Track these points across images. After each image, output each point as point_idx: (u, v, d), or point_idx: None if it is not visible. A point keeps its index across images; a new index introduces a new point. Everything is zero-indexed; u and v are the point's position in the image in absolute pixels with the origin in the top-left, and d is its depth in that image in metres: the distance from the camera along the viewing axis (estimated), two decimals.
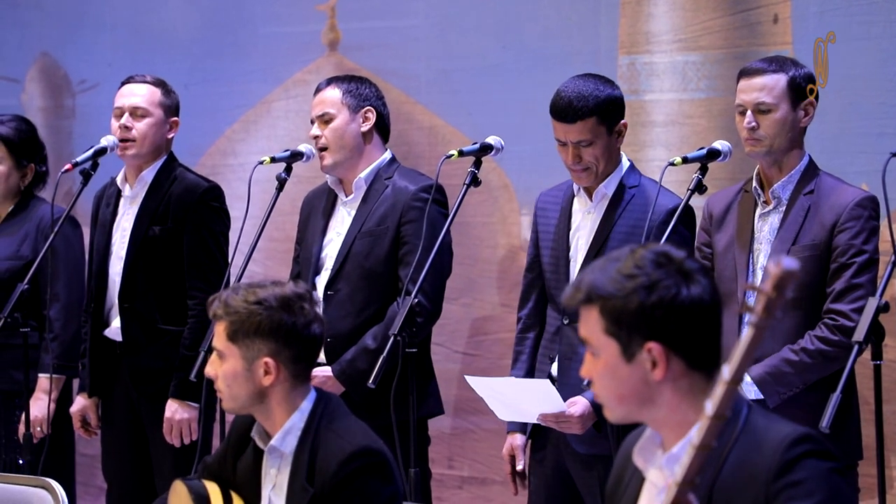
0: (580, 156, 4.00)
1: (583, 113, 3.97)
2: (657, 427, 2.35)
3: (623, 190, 4.04)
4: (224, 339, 3.11)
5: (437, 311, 4.34)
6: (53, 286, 4.77)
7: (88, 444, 5.66)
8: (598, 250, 3.99)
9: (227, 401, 3.16)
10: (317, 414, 3.13)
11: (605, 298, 2.31)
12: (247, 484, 3.19)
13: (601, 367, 2.33)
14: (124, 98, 4.71)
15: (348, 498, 3.02)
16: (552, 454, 4.07)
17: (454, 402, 4.59)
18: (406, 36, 5.44)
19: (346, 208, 4.44)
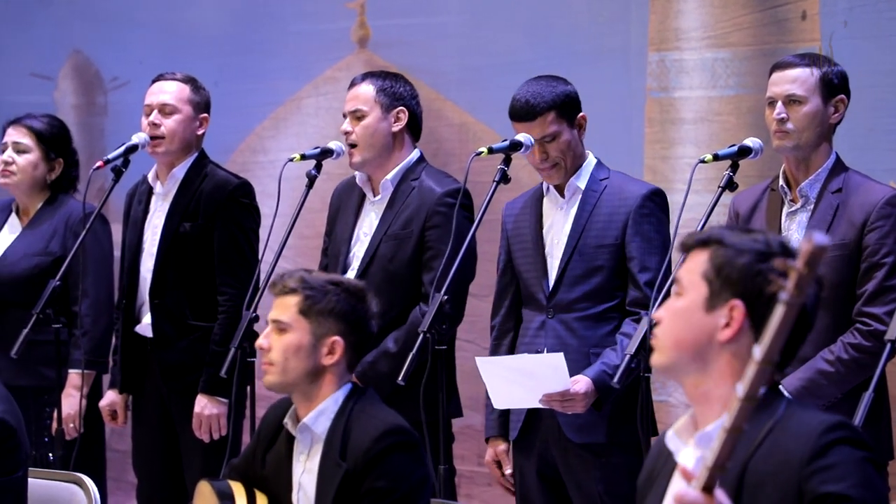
0: (546, 152, 4.03)
1: (541, 108, 4.04)
2: (696, 397, 2.35)
3: (595, 182, 4.07)
4: (294, 313, 3.17)
5: (459, 317, 4.35)
6: (83, 282, 4.80)
7: (119, 440, 5.69)
8: (577, 242, 4.03)
9: (277, 374, 3.19)
10: (351, 399, 3.19)
11: (720, 245, 2.35)
12: (277, 475, 3.22)
13: (679, 305, 2.36)
14: (154, 95, 4.73)
15: (381, 473, 3.07)
16: (539, 446, 4.07)
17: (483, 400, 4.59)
18: (436, 33, 5.44)
19: (373, 209, 4.44)
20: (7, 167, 4.97)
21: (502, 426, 4.17)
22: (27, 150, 4.99)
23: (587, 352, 4.03)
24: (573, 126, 4.08)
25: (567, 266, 4.06)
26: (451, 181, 4.41)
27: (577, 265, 4.06)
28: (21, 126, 5.01)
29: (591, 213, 4.06)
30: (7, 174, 4.97)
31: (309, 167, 4.43)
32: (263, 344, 3.20)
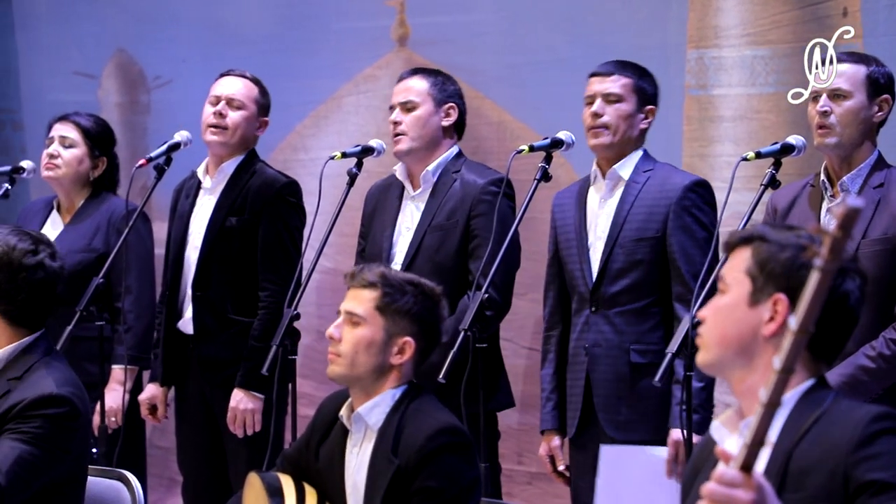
0: (603, 111, 4.02)
1: (621, 71, 4.10)
2: (742, 391, 2.36)
3: (638, 173, 4.07)
4: (370, 307, 3.18)
5: (507, 305, 4.36)
6: (126, 279, 4.85)
7: (161, 437, 5.73)
8: (619, 232, 4.02)
9: (345, 366, 3.19)
10: (406, 396, 3.20)
11: (763, 241, 2.37)
12: (330, 468, 3.23)
13: (723, 302, 2.37)
14: (223, 87, 4.78)
15: (432, 473, 3.07)
16: (592, 444, 4.08)
17: (521, 398, 4.61)
18: (474, 31, 5.45)
19: (413, 202, 4.46)
20: (52, 160, 5.02)
21: (557, 419, 4.17)
22: (74, 144, 5.04)
23: (627, 348, 4.03)
24: (640, 108, 4.10)
25: (608, 259, 4.06)
26: (492, 172, 4.44)
27: (617, 258, 4.05)
28: (68, 122, 5.05)
29: (633, 205, 4.06)
30: (52, 167, 5.02)
31: (348, 165, 4.46)
32: (335, 334, 3.20)
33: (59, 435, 3.25)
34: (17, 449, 3.20)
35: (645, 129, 4.15)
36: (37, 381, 3.29)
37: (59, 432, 3.25)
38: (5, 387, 3.30)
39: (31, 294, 3.35)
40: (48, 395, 3.25)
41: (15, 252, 3.34)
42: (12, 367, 3.33)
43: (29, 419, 3.23)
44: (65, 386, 3.30)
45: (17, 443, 3.20)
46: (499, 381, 4.41)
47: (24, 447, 3.20)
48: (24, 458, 3.20)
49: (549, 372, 4.20)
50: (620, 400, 4.04)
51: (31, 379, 3.30)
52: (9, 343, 3.35)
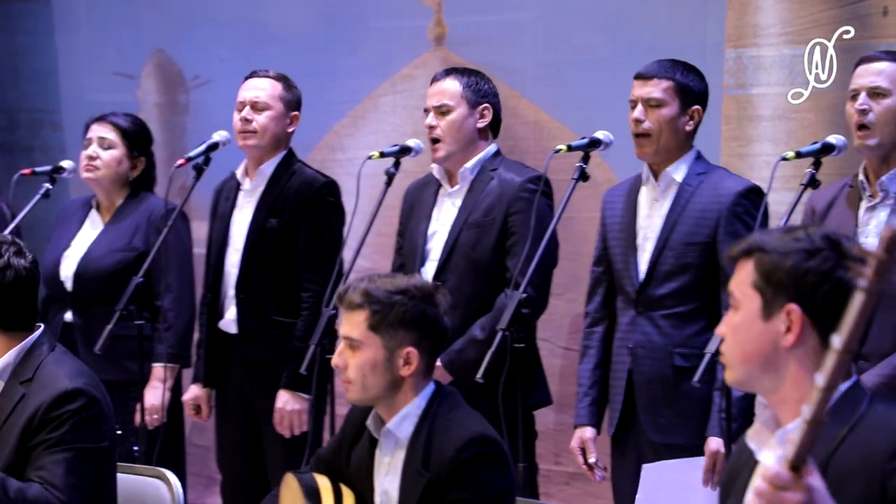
0: (644, 117, 4.00)
1: (661, 74, 4.05)
2: (774, 402, 2.34)
3: (692, 176, 4.04)
4: (364, 329, 3.11)
5: (544, 303, 4.36)
6: (166, 277, 4.88)
7: (200, 435, 5.76)
8: (668, 237, 4.00)
9: (357, 391, 3.15)
10: (434, 403, 3.15)
11: (764, 252, 2.33)
12: (360, 474, 3.22)
13: (737, 320, 2.34)
14: (247, 92, 4.79)
15: (464, 485, 3.03)
16: (633, 445, 4.08)
17: (557, 398, 4.60)
18: (512, 30, 5.44)
19: (450, 199, 4.47)
20: (91, 161, 5.04)
21: (593, 415, 4.16)
22: (112, 145, 5.06)
23: (671, 351, 4.02)
24: (684, 111, 4.06)
25: (657, 262, 4.05)
26: (530, 170, 4.44)
27: (666, 261, 4.03)
28: (106, 123, 5.07)
29: (685, 208, 4.03)
30: (91, 168, 5.04)
31: (386, 165, 4.47)
32: (339, 363, 3.15)
33: (87, 428, 3.28)
34: (60, 460, 3.22)
35: (691, 130, 4.11)
36: (49, 380, 3.31)
37: (86, 425, 3.28)
38: (19, 392, 3.32)
39: (9, 296, 3.34)
40: (63, 392, 3.27)
41: None
42: (21, 370, 3.35)
43: (56, 424, 3.25)
44: (77, 378, 3.33)
45: (57, 454, 3.23)
46: (536, 379, 4.41)
47: (66, 455, 3.23)
48: (71, 466, 3.23)
49: (589, 367, 4.19)
50: (663, 402, 4.02)
51: (43, 378, 3.32)
52: (8, 349, 3.36)
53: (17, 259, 3.36)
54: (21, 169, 5.30)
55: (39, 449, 3.24)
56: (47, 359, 3.36)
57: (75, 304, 4.97)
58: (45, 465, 3.22)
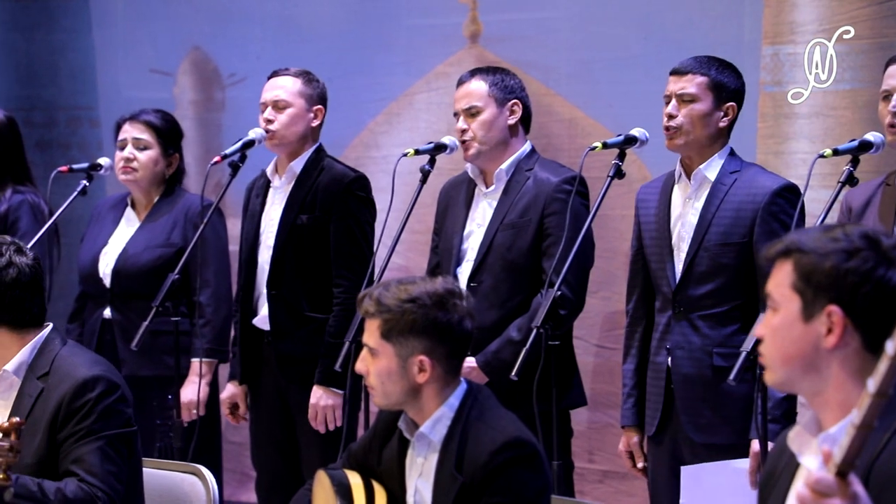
0: (677, 113, 3.98)
1: (696, 70, 4.03)
2: (816, 404, 2.32)
3: (725, 174, 4.01)
4: (377, 338, 3.10)
5: (581, 303, 4.35)
6: (204, 273, 4.89)
7: (236, 432, 5.78)
8: (704, 235, 3.98)
9: (379, 397, 3.14)
10: (467, 404, 3.12)
11: (802, 252, 2.30)
12: (391, 473, 3.21)
13: (776, 322, 2.32)
14: (268, 92, 4.80)
15: (498, 489, 3.01)
16: (669, 442, 4.06)
17: (591, 396, 4.59)
18: (546, 27, 5.43)
19: (486, 200, 4.46)
20: (129, 164, 5.05)
21: (637, 416, 4.15)
22: (148, 145, 5.07)
23: (710, 351, 4.00)
24: (718, 106, 4.04)
25: (693, 262, 4.02)
26: (566, 170, 4.42)
27: (702, 262, 4.01)
28: (139, 122, 5.08)
29: (719, 207, 4.00)
30: (129, 170, 5.05)
31: (421, 162, 4.46)
32: (361, 369, 3.14)
33: (113, 415, 3.31)
34: (94, 450, 3.26)
35: (725, 126, 4.09)
36: (68, 371, 3.34)
37: (112, 413, 3.31)
38: (38, 387, 3.35)
39: (15, 294, 3.36)
40: (83, 381, 3.31)
41: None
42: (37, 366, 3.37)
43: (82, 414, 3.28)
44: (94, 366, 3.36)
45: (89, 444, 3.26)
46: (572, 378, 4.40)
47: (98, 443, 3.26)
48: (105, 454, 3.26)
49: (631, 368, 4.18)
50: (703, 402, 4.01)
51: (61, 371, 3.35)
52: (21, 347, 3.39)
53: (19, 257, 3.38)
54: (59, 166, 5.33)
55: (71, 441, 3.27)
56: (62, 352, 3.39)
57: (114, 300, 5.00)
58: (80, 456, 3.25)
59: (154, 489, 3.49)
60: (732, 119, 4.07)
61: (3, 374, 3.40)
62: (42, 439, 3.28)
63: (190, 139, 5.71)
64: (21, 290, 3.36)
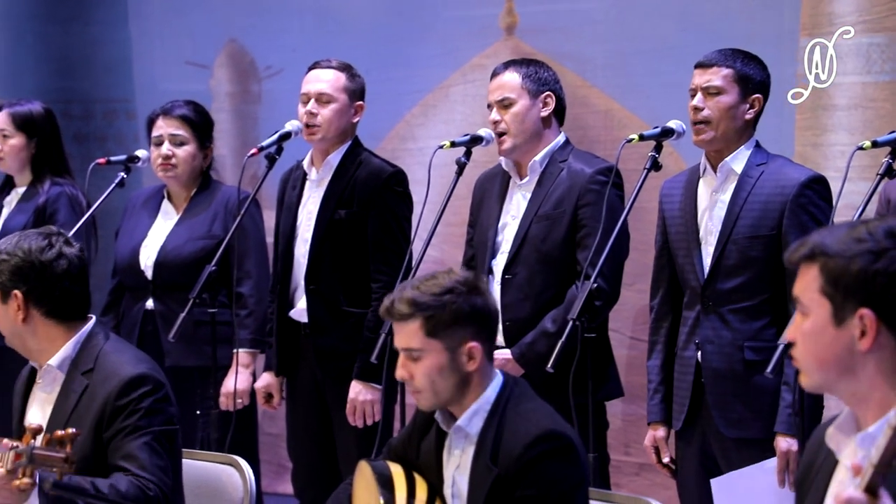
0: (703, 106, 3.97)
1: (721, 62, 4.01)
2: (854, 403, 2.31)
3: (751, 167, 4.00)
4: (421, 337, 3.09)
5: (616, 295, 4.34)
6: (245, 264, 4.91)
7: (272, 423, 5.80)
8: (732, 228, 3.96)
9: (428, 398, 3.13)
10: (504, 396, 3.13)
11: (828, 256, 2.28)
12: (429, 465, 3.22)
13: (808, 327, 2.30)
14: (310, 84, 4.79)
15: (532, 481, 3.02)
16: (697, 437, 4.05)
17: (626, 389, 4.58)
18: (583, 19, 5.42)
19: (520, 192, 4.45)
20: (167, 161, 5.06)
21: (664, 411, 4.14)
22: (184, 141, 5.08)
23: (741, 345, 3.98)
24: (744, 98, 4.02)
25: (721, 256, 4.01)
26: (600, 161, 4.41)
27: (731, 255, 3.99)
28: (174, 118, 5.07)
29: (746, 200, 3.98)
30: (168, 167, 5.06)
31: (456, 154, 4.46)
32: (404, 375, 3.13)
33: (159, 414, 3.32)
34: (142, 445, 3.27)
35: (751, 119, 4.07)
36: (113, 369, 3.34)
37: (158, 411, 3.32)
38: (82, 382, 3.35)
39: (65, 285, 3.37)
40: (129, 379, 3.31)
41: (32, 254, 3.36)
42: (81, 361, 3.38)
43: (128, 412, 3.29)
44: (139, 364, 3.37)
45: (137, 439, 3.27)
46: (608, 370, 4.39)
47: (145, 439, 3.28)
48: (153, 449, 3.27)
49: (657, 363, 4.17)
50: (734, 397, 3.99)
51: (106, 368, 3.35)
52: (66, 340, 3.39)
53: (68, 248, 3.40)
54: (96, 158, 5.36)
55: (118, 437, 3.28)
56: (105, 347, 3.39)
57: (156, 292, 5.02)
58: (129, 451, 3.26)
59: (192, 480, 3.50)
60: (758, 111, 4.05)
61: (46, 368, 3.41)
62: (87, 437, 3.29)
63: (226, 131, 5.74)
64: (70, 283, 3.38)
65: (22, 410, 3.50)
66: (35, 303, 3.36)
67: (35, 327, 3.38)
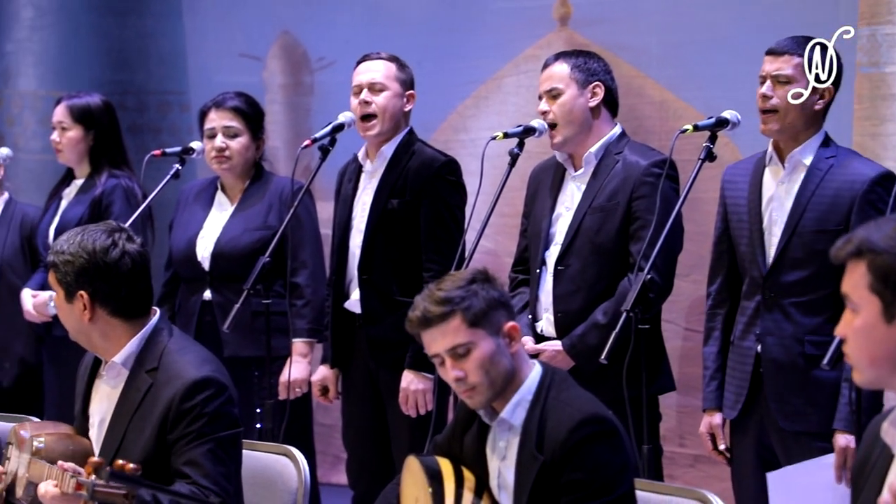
0: (773, 93, 3.93)
1: (793, 50, 3.96)
2: None
3: (820, 159, 3.95)
4: (465, 330, 3.10)
5: (669, 287, 4.32)
6: (301, 254, 4.92)
7: (325, 414, 5.83)
8: (798, 221, 3.92)
9: (484, 392, 3.12)
10: (544, 385, 3.14)
11: (875, 253, 2.27)
12: (474, 459, 3.22)
13: (858, 324, 2.29)
14: (362, 75, 4.80)
15: (578, 465, 3.02)
16: (754, 428, 4.02)
17: (680, 380, 4.56)
18: (637, 10, 5.39)
19: (575, 183, 4.44)
20: (221, 153, 5.07)
21: (720, 399, 4.12)
22: (238, 133, 5.09)
23: (802, 338, 3.95)
24: (814, 89, 3.97)
25: (786, 247, 3.97)
26: (655, 153, 4.39)
27: (795, 248, 3.95)
28: (227, 110, 5.09)
29: (814, 193, 3.94)
30: (223, 160, 5.08)
31: (509, 146, 4.45)
32: (458, 374, 3.12)
33: (223, 418, 3.31)
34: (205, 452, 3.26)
35: (821, 109, 4.01)
36: (177, 371, 3.33)
37: (222, 415, 3.31)
38: (146, 381, 3.35)
39: (130, 284, 3.37)
40: (192, 383, 3.30)
41: (97, 254, 3.35)
42: (145, 359, 3.38)
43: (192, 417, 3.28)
44: (203, 366, 3.35)
45: (201, 446, 3.26)
46: (661, 363, 4.37)
47: (208, 446, 3.27)
48: (216, 456, 3.27)
49: (714, 350, 4.15)
50: (793, 390, 3.96)
51: (170, 369, 3.34)
52: (130, 337, 3.38)
53: (130, 245, 3.39)
54: (150, 150, 5.39)
55: (182, 442, 3.28)
56: (169, 345, 3.38)
57: (213, 283, 5.05)
58: (192, 458, 3.26)
59: (247, 470, 3.49)
60: (828, 102, 4.00)
61: (111, 364, 3.42)
62: (150, 437, 3.30)
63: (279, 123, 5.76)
64: (135, 281, 3.38)
65: (85, 398, 3.51)
66: (101, 303, 3.37)
67: (101, 326, 3.38)
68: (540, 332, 4.37)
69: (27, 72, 7.03)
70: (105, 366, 3.45)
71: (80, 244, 3.37)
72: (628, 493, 3.08)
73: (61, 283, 3.38)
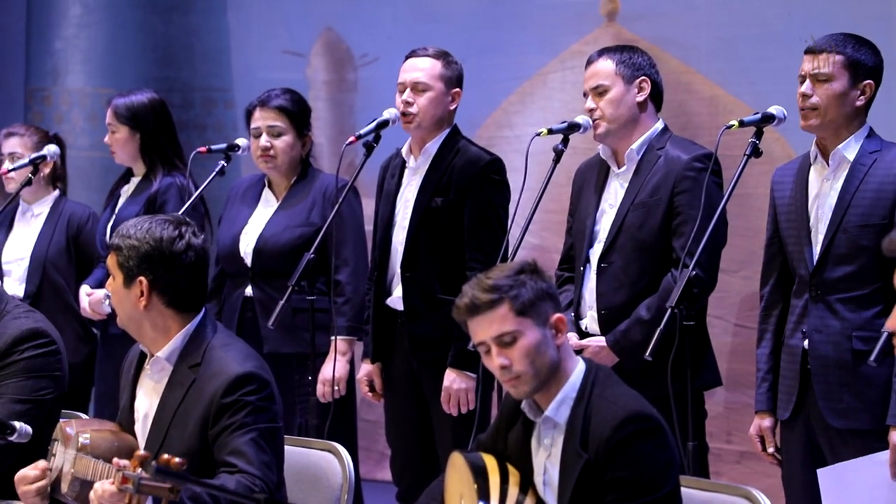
0: (812, 92, 3.90)
1: (831, 48, 3.94)
2: None
3: (864, 154, 3.91)
4: (513, 318, 3.10)
5: (713, 283, 4.29)
6: (343, 251, 4.92)
7: (369, 410, 5.82)
8: (843, 217, 3.88)
9: (529, 381, 3.12)
10: (588, 382, 3.14)
11: None
12: (518, 456, 3.22)
13: None
14: (406, 73, 4.79)
15: (623, 462, 3.01)
16: (802, 426, 3.99)
17: (729, 376, 4.53)
18: (686, 4, 5.35)
19: (618, 180, 4.41)
20: (266, 153, 5.08)
21: (771, 401, 4.10)
22: (282, 132, 5.09)
23: (850, 335, 3.91)
24: (854, 85, 3.94)
25: (831, 244, 3.94)
26: (697, 147, 4.36)
27: (841, 244, 3.93)
28: (271, 109, 5.09)
29: (858, 188, 3.91)
30: (268, 158, 5.08)
31: (554, 142, 4.43)
32: (503, 362, 3.11)
33: (265, 412, 3.32)
34: (248, 441, 3.27)
35: (863, 105, 3.98)
36: (220, 366, 3.34)
37: (262, 408, 3.32)
38: (189, 376, 3.37)
39: (190, 278, 3.39)
40: (236, 378, 3.31)
41: (164, 243, 3.37)
42: (189, 354, 3.39)
43: (234, 409, 3.29)
44: (246, 362, 3.36)
45: (244, 436, 3.27)
46: (705, 359, 4.34)
47: (251, 435, 3.28)
48: (259, 446, 3.28)
49: (767, 352, 4.12)
50: (842, 387, 3.92)
51: (213, 364, 3.35)
52: (179, 329, 3.40)
53: (195, 239, 3.41)
54: (195, 147, 5.40)
55: (225, 434, 3.29)
56: (213, 341, 3.40)
57: (255, 279, 5.05)
58: (236, 447, 3.27)
59: (291, 466, 3.51)
60: (870, 97, 3.97)
61: (155, 360, 3.44)
62: (192, 432, 3.32)
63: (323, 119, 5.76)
64: (194, 274, 3.41)
65: (131, 391, 3.52)
66: (159, 292, 3.38)
67: (153, 315, 3.40)
68: (584, 330, 4.36)
69: (75, 69, 7.08)
70: (149, 360, 3.46)
71: (147, 230, 3.39)
72: (673, 491, 3.06)
73: (122, 266, 3.40)
